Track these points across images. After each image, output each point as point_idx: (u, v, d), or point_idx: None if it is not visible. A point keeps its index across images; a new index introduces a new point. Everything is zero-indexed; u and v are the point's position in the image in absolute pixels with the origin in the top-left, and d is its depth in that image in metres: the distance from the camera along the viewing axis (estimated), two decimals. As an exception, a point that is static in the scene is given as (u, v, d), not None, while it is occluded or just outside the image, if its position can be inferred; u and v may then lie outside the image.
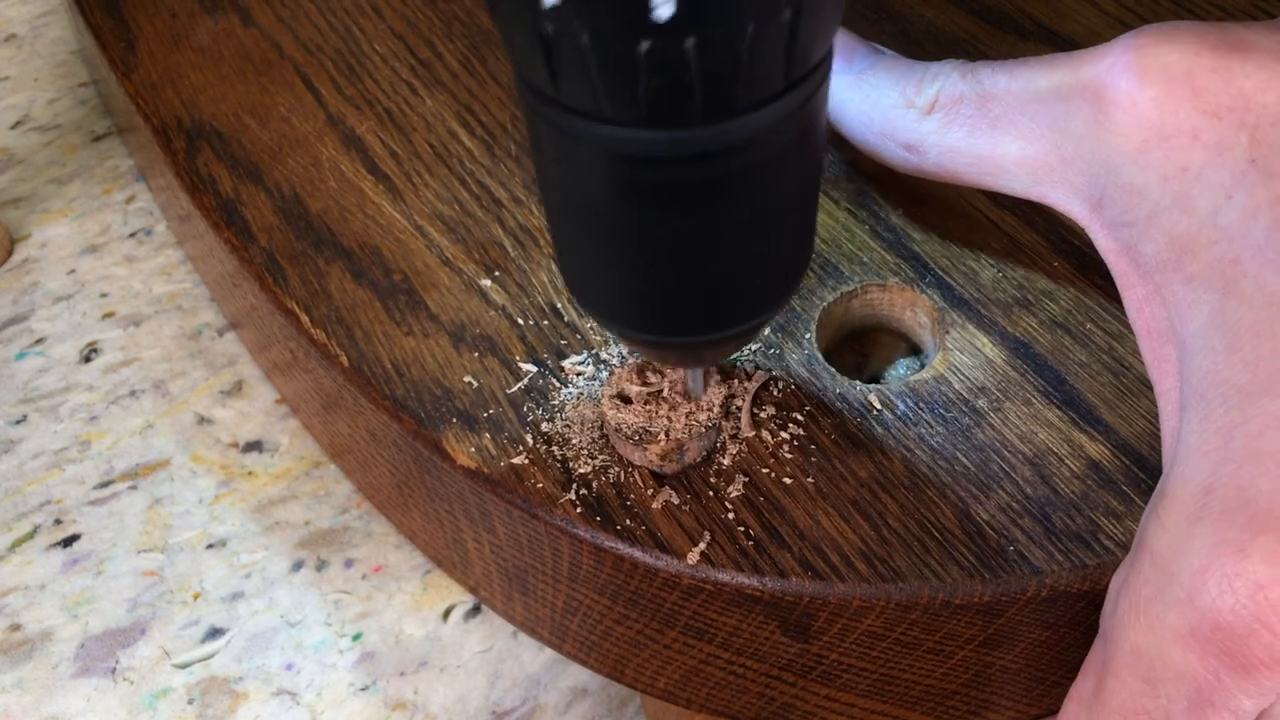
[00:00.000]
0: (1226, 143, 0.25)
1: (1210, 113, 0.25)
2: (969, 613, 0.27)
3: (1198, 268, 0.25)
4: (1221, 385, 0.24)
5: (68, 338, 0.44)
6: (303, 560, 0.37)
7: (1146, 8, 0.41)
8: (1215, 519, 0.22)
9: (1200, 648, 0.22)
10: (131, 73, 0.43)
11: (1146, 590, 0.24)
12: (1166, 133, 0.25)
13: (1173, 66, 0.25)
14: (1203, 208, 0.25)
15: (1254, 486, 0.22)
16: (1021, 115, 0.28)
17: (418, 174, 0.38)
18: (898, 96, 0.30)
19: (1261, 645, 0.22)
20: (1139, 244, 0.26)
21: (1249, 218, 0.24)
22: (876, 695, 0.29)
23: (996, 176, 0.29)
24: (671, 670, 0.30)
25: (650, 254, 0.22)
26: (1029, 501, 0.28)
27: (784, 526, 0.28)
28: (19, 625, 0.36)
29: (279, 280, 0.35)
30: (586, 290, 0.24)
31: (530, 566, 0.31)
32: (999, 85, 0.28)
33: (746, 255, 0.22)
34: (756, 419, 0.30)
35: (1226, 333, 0.24)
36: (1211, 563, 0.22)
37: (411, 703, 0.34)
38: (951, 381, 0.30)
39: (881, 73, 0.30)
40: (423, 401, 0.31)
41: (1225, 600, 0.22)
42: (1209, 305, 0.25)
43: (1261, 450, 0.22)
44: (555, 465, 0.29)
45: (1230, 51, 0.25)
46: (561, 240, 0.24)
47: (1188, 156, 0.25)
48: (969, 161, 0.29)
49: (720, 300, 0.23)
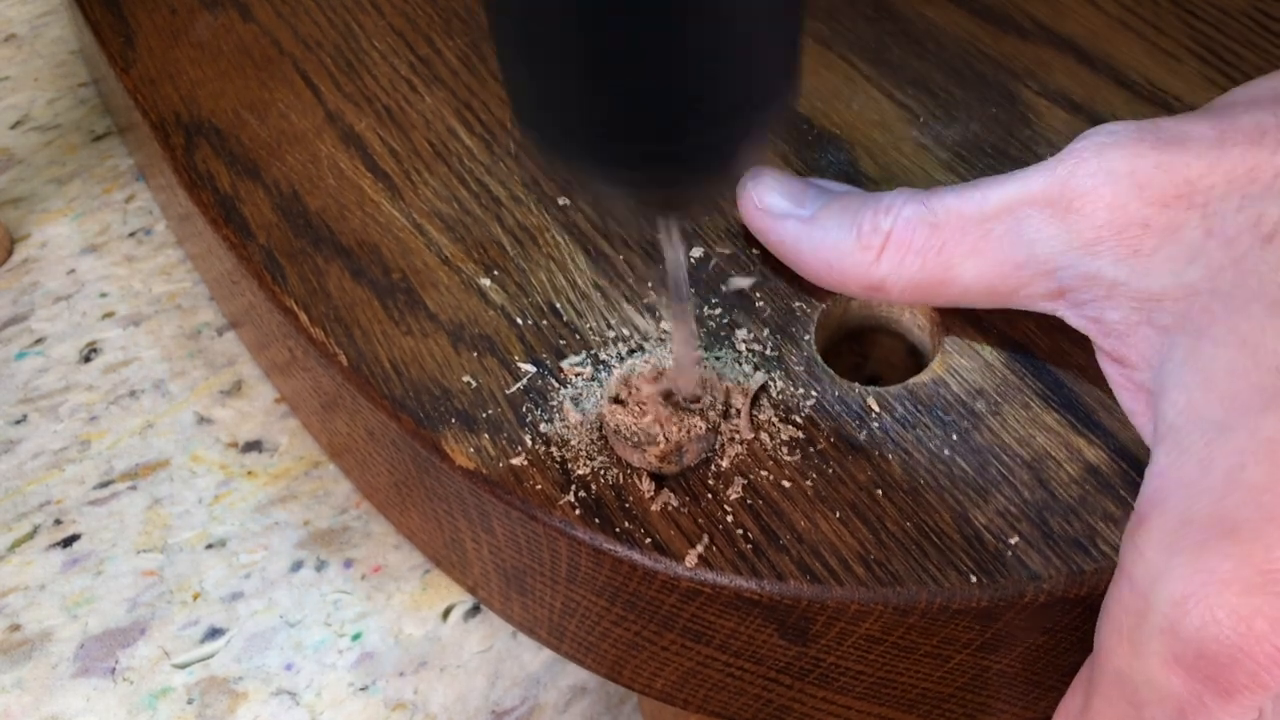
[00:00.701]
0: (1178, 223, 0.26)
1: (1158, 203, 0.26)
2: (966, 617, 0.27)
3: (1169, 319, 0.26)
4: (1198, 420, 0.24)
5: (67, 338, 0.44)
6: (302, 560, 0.37)
7: (1146, 8, 0.41)
8: (1195, 549, 0.23)
9: (1184, 674, 0.23)
10: (130, 68, 0.43)
11: (1128, 618, 0.24)
12: (1118, 228, 0.26)
13: (1117, 169, 0.26)
14: (1165, 274, 0.26)
15: (1235, 517, 0.23)
16: (969, 235, 0.28)
17: (417, 172, 0.38)
18: (852, 239, 0.30)
19: (1244, 672, 0.22)
20: (1105, 314, 0.27)
21: (1215, 274, 0.25)
22: (874, 698, 0.29)
23: (960, 297, 0.30)
24: (669, 672, 0.30)
25: (608, 38, 0.21)
26: (1027, 506, 0.28)
27: (782, 530, 0.28)
28: (19, 625, 0.36)
29: (277, 278, 0.35)
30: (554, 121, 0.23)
31: (528, 567, 0.31)
32: (950, 209, 0.29)
33: (711, 36, 0.21)
34: (755, 421, 0.30)
35: (1200, 371, 0.25)
36: (1193, 592, 0.23)
37: (411, 703, 0.34)
38: (950, 384, 0.30)
39: (834, 214, 0.31)
40: (421, 401, 0.31)
41: (1209, 630, 0.22)
42: (1183, 348, 0.25)
43: (1241, 481, 0.23)
44: (554, 466, 0.29)
45: (1168, 146, 0.26)
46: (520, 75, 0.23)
47: (1140, 243, 0.26)
48: (931, 289, 0.29)
49: (692, 91, 0.22)
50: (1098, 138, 0.27)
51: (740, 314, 0.32)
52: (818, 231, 0.31)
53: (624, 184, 0.24)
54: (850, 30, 0.41)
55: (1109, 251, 0.26)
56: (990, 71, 0.39)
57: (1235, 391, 0.24)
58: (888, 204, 0.30)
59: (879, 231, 0.29)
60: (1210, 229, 0.25)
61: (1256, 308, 0.24)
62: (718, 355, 0.31)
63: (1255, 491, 0.23)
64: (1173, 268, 0.26)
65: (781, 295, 0.33)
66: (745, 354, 0.31)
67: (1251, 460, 0.23)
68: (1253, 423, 0.23)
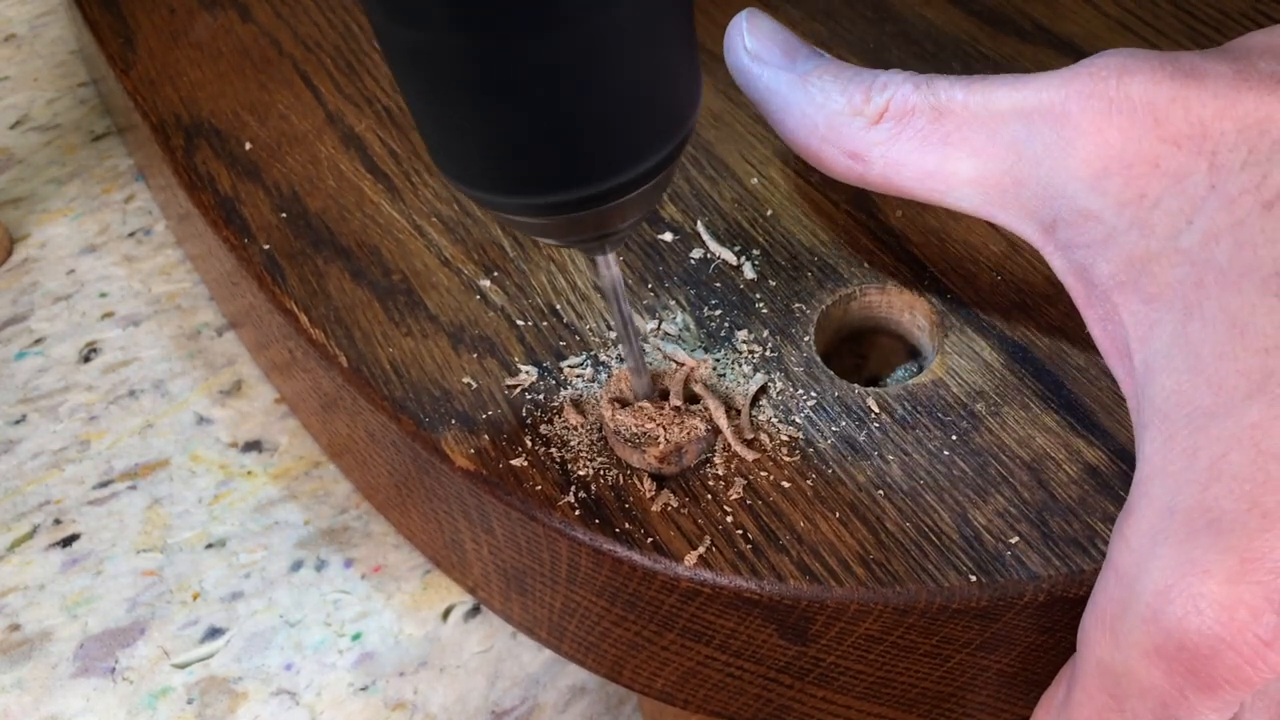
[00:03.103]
0: (1186, 170, 0.25)
1: (1170, 141, 0.25)
2: (966, 617, 0.27)
3: (1157, 289, 0.25)
4: (1185, 405, 0.24)
5: (67, 337, 0.44)
6: (302, 560, 0.37)
7: (1146, 9, 0.41)
8: (1179, 539, 0.23)
9: (1165, 665, 0.23)
10: (130, 69, 0.43)
11: (1112, 608, 0.24)
12: (1128, 161, 0.25)
13: (1135, 96, 0.25)
14: (1162, 232, 0.25)
15: (1218, 507, 0.22)
16: (977, 133, 0.27)
17: (417, 173, 0.38)
18: (844, 103, 0.29)
19: (1226, 665, 0.22)
20: (1094, 265, 0.26)
21: (1210, 241, 0.24)
22: (873, 698, 0.29)
23: (945, 194, 0.28)
24: (669, 672, 0.30)
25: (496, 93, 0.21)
26: (1026, 506, 0.28)
27: (782, 530, 0.28)
28: (18, 625, 0.36)
29: (277, 279, 0.35)
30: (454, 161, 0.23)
31: (528, 568, 0.31)
32: (956, 100, 0.27)
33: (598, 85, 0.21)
34: (755, 422, 0.30)
35: (1189, 353, 0.24)
36: (1176, 582, 0.22)
37: (411, 702, 0.34)
38: (950, 385, 0.30)
39: (828, 76, 0.29)
40: (421, 402, 0.31)
41: (1190, 621, 0.22)
42: (1170, 325, 0.25)
43: (1225, 471, 0.23)
44: (554, 467, 0.29)
45: (1187, 80, 0.25)
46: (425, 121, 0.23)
47: (1147, 184, 0.25)
48: (916, 176, 0.28)
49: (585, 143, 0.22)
50: (1117, 58, 0.26)
51: (740, 315, 0.33)
52: (809, 90, 0.29)
53: (539, 231, 0.24)
54: (849, 31, 0.41)
55: (1115, 190, 0.26)
56: (990, 72, 0.39)
57: (1223, 376, 0.23)
58: (885, 80, 0.28)
59: (874, 103, 0.28)
60: (1214, 183, 0.24)
61: (1248, 284, 0.24)
62: (717, 356, 0.31)
63: (1238, 481, 0.22)
64: (1171, 225, 0.25)
65: (781, 296, 0.33)
66: (745, 355, 0.31)
67: (1235, 449, 0.23)
68: (1238, 409, 0.23)
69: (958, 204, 0.28)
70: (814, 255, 0.34)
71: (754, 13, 0.31)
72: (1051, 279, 0.32)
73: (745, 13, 0.31)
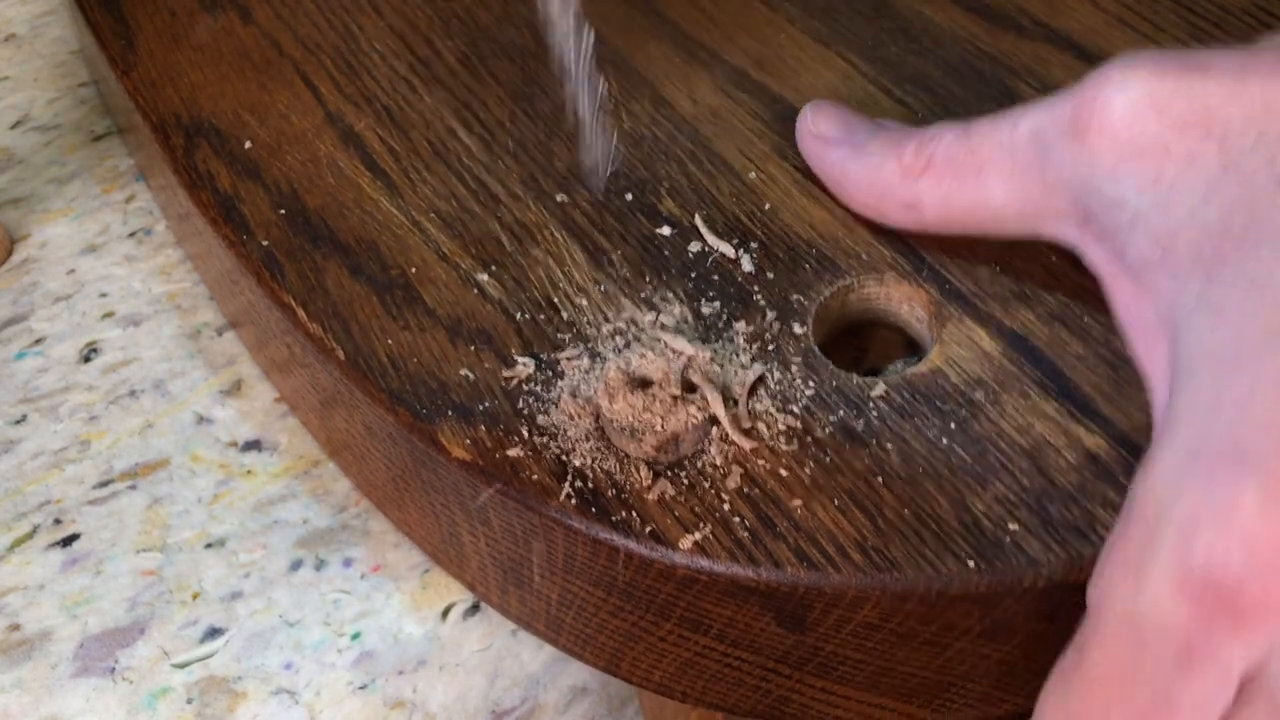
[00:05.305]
0: (1196, 153, 0.26)
1: (1176, 126, 0.26)
2: (965, 604, 0.27)
3: (1182, 261, 0.26)
4: (1208, 358, 0.25)
5: (67, 338, 0.44)
6: (301, 559, 0.37)
7: (1145, 6, 0.41)
8: (1206, 476, 0.23)
9: (1192, 597, 0.23)
10: (130, 70, 0.43)
11: (1134, 549, 0.24)
12: (1138, 148, 0.27)
13: (1134, 90, 0.27)
14: (1181, 210, 0.26)
15: (1244, 440, 0.23)
16: (1004, 159, 0.30)
17: (415, 170, 0.38)
18: (894, 164, 0.32)
19: (1253, 595, 0.22)
20: (1125, 247, 0.28)
21: (1228, 215, 0.26)
22: (873, 688, 0.29)
23: (994, 223, 0.31)
24: (667, 663, 0.30)
25: None
26: (1026, 493, 0.28)
27: (780, 518, 0.28)
28: (18, 625, 0.36)
29: (276, 275, 0.35)
30: None
31: (525, 559, 0.30)
32: (985, 135, 0.30)
33: None
34: (753, 411, 0.30)
35: (1211, 312, 0.25)
36: (1204, 512, 0.23)
37: (410, 701, 0.34)
38: (949, 374, 0.30)
39: (882, 141, 0.33)
40: (418, 395, 0.31)
41: (1217, 548, 0.22)
42: (1194, 291, 0.26)
43: (1251, 412, 0.23)
44: (550, 458, 0.29)
45: (1189, 72, 0.27)
46: None
47: (1160, 168, 0.27)
48: (964, 210, 0.31)
49: None
50: (1121, 62, 0.28)
51: (738, 307, 0.32)
52: (865, 157, 0.33)
53: None
54: (848, 28, 0.41)
55: (1131, 177, 0.27)
56: (988, 69, 0.39)
57: (1244, 329, 0.24)
58: (933, 133, 0.31)
59: (922, 155, 0.31)
60: (1227, 164, 0.26)
61: (1265, 250, 0.25)
62: (715, 348, 0.31)
63: (1264, 419, 0.23)
64: (1190, 203, 0.26)
65: (779, 289, 0.33)
66: (743, 346, 0.31)
67: (1259, 390, 0.23)
68: (1261, 356, 0.24)
69: (1007, 229, 0.31)
70: (812, 248, 0.34)
71: (818, 102, 0.35)
72: (1050, 269, 0.32)
73: (811, 103, 0.35)
